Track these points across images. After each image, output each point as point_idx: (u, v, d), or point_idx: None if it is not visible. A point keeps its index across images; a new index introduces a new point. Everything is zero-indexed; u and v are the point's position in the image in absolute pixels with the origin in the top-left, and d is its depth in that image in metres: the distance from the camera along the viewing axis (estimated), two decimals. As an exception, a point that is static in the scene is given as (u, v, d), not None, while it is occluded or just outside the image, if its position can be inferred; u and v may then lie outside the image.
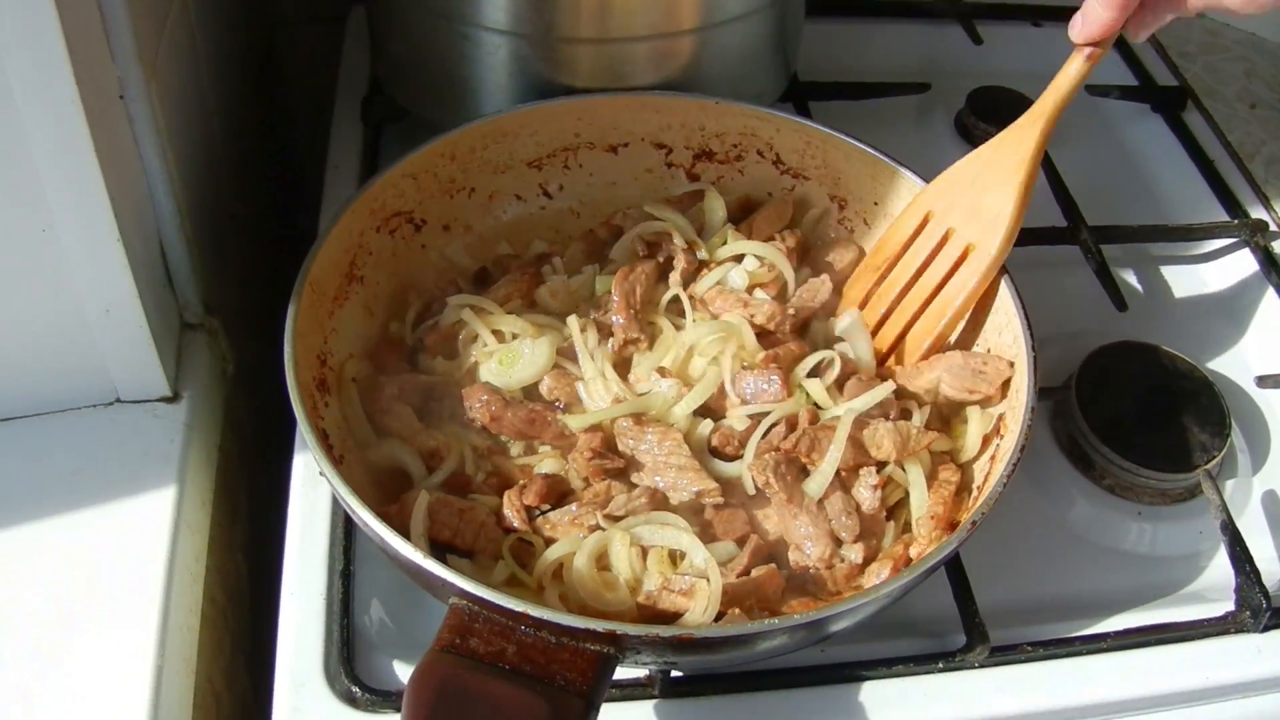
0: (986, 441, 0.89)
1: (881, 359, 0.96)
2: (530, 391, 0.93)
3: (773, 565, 0.82)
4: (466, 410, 0.89)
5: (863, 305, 0.98)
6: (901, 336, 0.96)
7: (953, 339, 0.96)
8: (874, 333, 0.97)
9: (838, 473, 0.86)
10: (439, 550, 0.81)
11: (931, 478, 0.88)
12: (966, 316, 0.94)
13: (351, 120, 1.21)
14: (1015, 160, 0.92)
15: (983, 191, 0.93)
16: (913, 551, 0.83)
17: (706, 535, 0.84)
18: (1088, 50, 0.89)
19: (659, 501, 0.85)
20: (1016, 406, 0.85)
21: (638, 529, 0.82)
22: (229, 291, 1.08)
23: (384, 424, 0.89)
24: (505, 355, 0.93)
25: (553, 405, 0.91)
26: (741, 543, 0.83)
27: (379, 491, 0.86)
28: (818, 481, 0.85)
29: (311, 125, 1.29)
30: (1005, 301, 0.90)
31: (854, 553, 0.83)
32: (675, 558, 0.82)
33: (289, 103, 1.58)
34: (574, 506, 0.84)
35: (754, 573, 0.80)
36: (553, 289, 0.98)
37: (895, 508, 0.88)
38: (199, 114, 1.06)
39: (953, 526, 0.84)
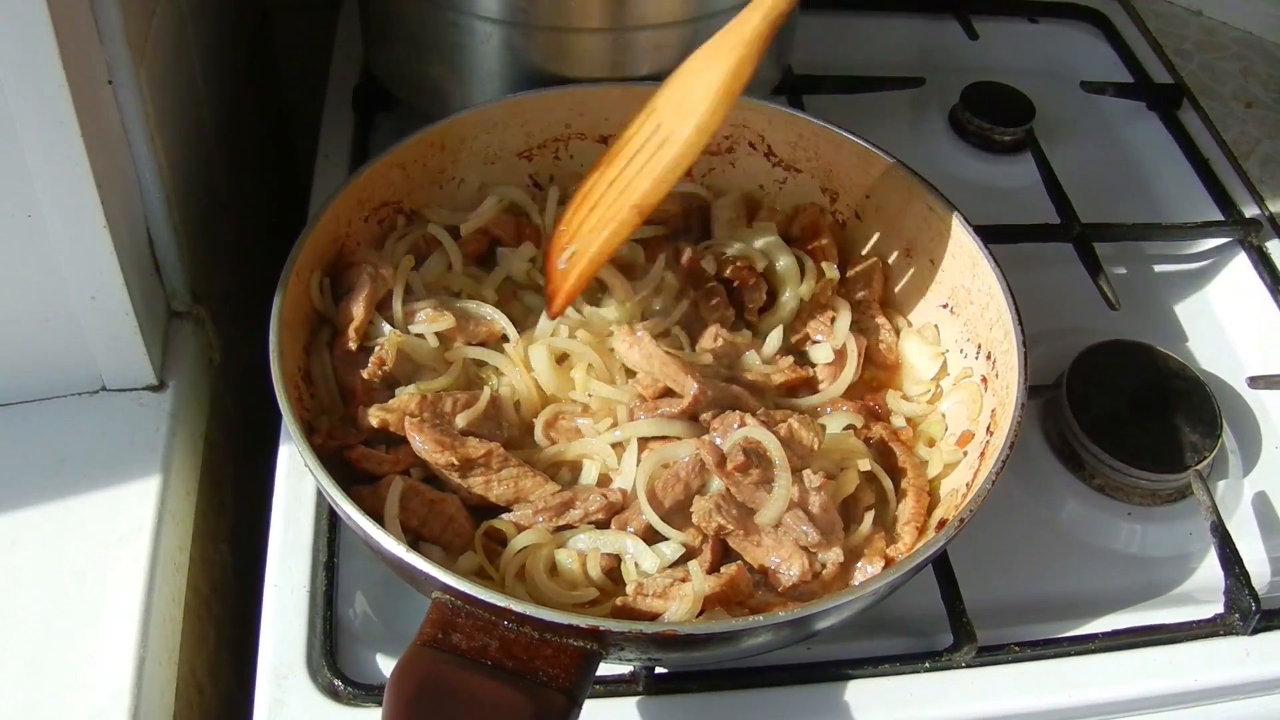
0: (968, 439, 0.89)
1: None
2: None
3: (740, 563, 0.80)
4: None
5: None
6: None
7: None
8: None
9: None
10: (407, 536, 0.80)
11: (905, 484, 0.88)
12: (654, 204, 0.88)
13: (343, 108, 1.20)
14: (730, 42, 0.85)
15: (694, 77, 0.86)
16: (890, 552, 0.83)
17: None
18: None
19: (613, 510, 0.83)
20: (1006, 404, 0.84)
21: (574, 539, 0.82)
22: (218, 279, 1.07)
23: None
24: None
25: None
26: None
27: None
28: (774, 509, 0.81)
29: (305, 112, 1.28)
30: (997, 298, 0.90)
31: (831, 556, 0.81)
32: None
33: (282, 89, 1.57)
34: (528, 511, 0.83)
35: (722, 570, 0.79)
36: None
37: (874, 504, 0.87)
38: (189, 100, 1.05)
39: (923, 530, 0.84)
